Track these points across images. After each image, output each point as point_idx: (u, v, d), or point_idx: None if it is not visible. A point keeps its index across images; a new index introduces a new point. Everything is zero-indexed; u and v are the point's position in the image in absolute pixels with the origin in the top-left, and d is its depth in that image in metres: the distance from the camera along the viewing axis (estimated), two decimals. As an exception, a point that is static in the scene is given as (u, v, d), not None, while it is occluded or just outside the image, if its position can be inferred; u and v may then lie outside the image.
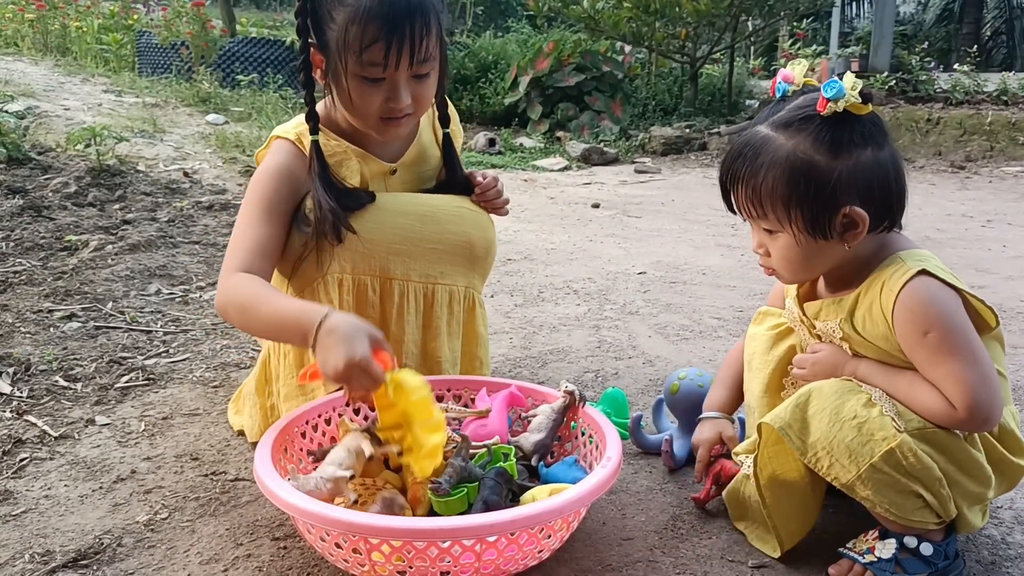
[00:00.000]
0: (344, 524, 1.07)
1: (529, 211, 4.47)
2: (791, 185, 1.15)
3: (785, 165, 1.14)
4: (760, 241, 1.25)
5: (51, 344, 2.13)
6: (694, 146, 6.91)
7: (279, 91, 6.82)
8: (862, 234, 1.16)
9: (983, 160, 6.01)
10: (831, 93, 1.10)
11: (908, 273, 1.14)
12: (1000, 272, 3.11)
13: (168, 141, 5.03)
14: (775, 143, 1.16)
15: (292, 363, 1.54)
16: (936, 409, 1.13)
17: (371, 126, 1.49)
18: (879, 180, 1.15)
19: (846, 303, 1.21)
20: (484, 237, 1.64)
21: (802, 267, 1.24)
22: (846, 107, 1.11)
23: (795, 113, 1.15)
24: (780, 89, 1.21)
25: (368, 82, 1.41)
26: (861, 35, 9.18)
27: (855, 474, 1.13)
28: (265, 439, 1.29)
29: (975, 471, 1.16)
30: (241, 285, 1.38)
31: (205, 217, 3.58)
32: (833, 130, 1.13)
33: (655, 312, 2.61)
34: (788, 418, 1.17)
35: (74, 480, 1.51)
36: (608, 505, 1.43)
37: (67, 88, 6.10)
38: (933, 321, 1.12)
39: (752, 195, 1.19)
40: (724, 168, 1.22)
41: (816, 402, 1.17)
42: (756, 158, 1.17)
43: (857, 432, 1.12)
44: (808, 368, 1.28)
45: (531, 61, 7.49)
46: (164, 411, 1.80)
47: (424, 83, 1.46)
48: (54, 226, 3.16)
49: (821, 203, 1.15)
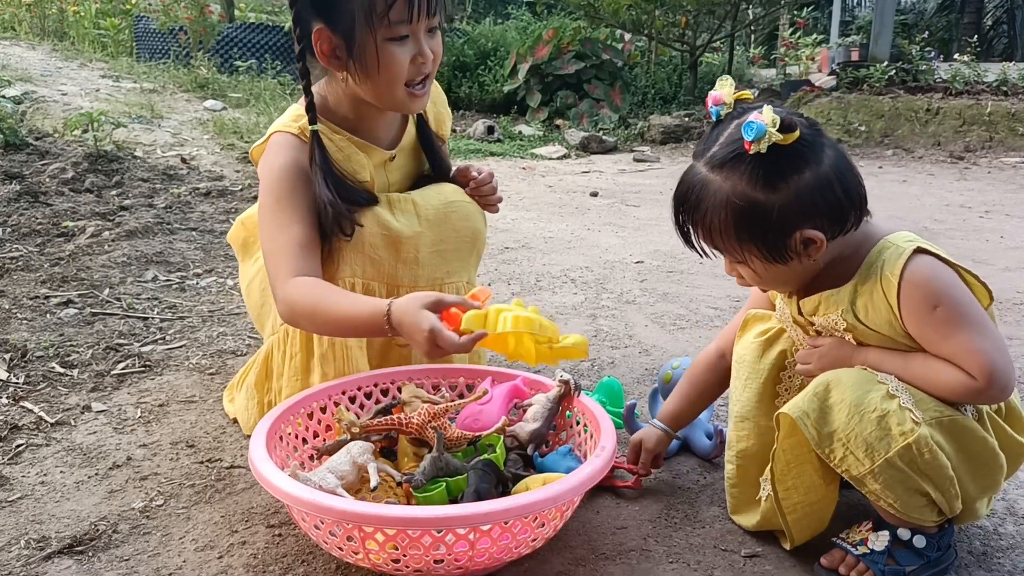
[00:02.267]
0: (338, 512, 1.07)
1: (527, 199, 4.47)
2: (738, 226, 1.15)
3: (727, 209, 1.14)
4: (730, 267, 1.26)
5: (48, 330, 2.13)
6: (693, 135, 6.89)
7: (277, 77, 6.79)
8: (823, 248, 1.15)
9: (982, 150, 6.00)
10: (752, 135, 1.08)
11: (905, 253, 1.14)
12: (997, 263, 3.11)
13: (166, 127, 5.01)
14: (713, 186, 1.15)
15: (298, 366, 1.54)
16: (956, 383, 1.12)
17: (398, 98, 1.48)
18: (824, 196, 1.13)
19: (844, 294, 1.20)
20: (470, 228, 1.64)
21: (775, 283, 1.26)
22: (770, 144, 1.09)
23: (727, 150, 1.14)
24: (714, 112, 1.20)
25: (396, 43, 1.42)
26: (862, 24, 9.15)
27: (868, 468, 1.12)
28: (260, 427, 1.29)
29: (989, 459, 1.16)
30: (301, 291, 1.37)
31: (203, 204, 3.57)
32: (765, 165, 1.11)
33: (652, 301, 2.61)
34: (806, 407, 1.16)
35: (70, 466, 1.52)
36: (602, 494, 1.43)
37: (64, 73, 6.08)
38: (940, 295, 1.11)
39: (706, 238, 1.19)
40: (674, 213, 1.22)
41: (836, 392, 1.15)
42: (699, 204, 1.17)
43: (876, 426, 1.11)
44: (814, 362, 1.26)
45: (530, 48, 7.46)
46: (160, 398, 1.80)
47: (436, 37, 1.48)
48: (51, 212, 3.16)
49: (770, 237, 1.14)
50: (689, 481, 1.50)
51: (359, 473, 1.24)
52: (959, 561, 1.25)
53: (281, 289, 1.39)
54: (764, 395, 1.35)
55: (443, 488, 1.22)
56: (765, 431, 1.34)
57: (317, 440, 1.44)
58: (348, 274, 1.49)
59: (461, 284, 1.64)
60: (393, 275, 1.54)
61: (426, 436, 1.34)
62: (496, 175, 1.74)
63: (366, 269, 1.51)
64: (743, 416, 1.35)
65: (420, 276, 1.57)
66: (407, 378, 1.56)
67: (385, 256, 1.52)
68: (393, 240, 1.52)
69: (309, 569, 1.22)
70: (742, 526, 1.35)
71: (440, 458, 1.26)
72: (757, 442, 1.33)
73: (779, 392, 1.36)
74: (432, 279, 1.59)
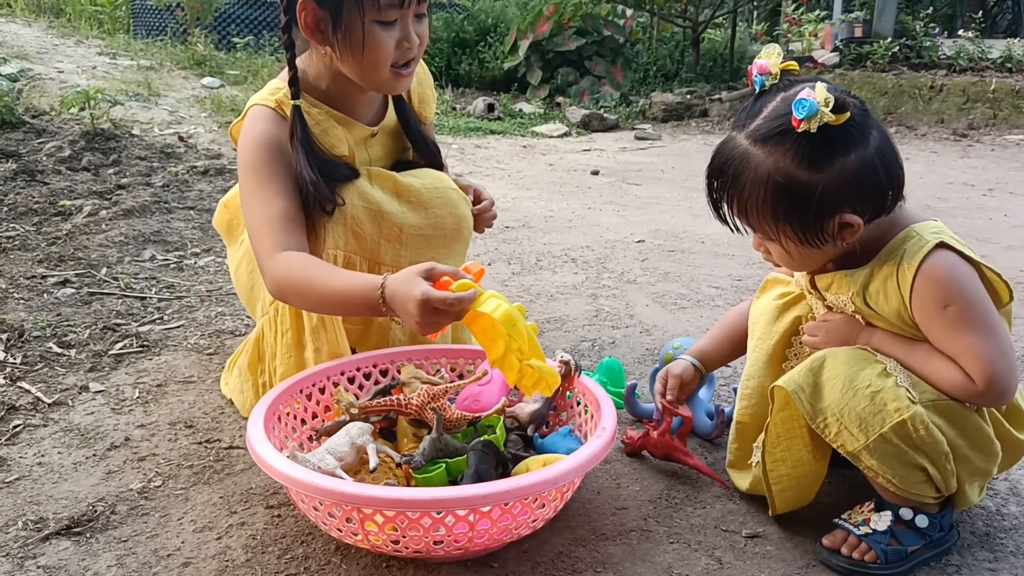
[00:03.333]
0: (337, 494, 1.06)
1: (528, 178, 4.44)
2: (777, 204, 1.12)
3: (768, 184, 1.11)
4: (759, 242, 1.24)
5: (45, 310, 2.12)
6: (695, 112, 6.84)
7: (275, 54, 6.73)
8: (858, 232, 1.13)
9: (986, 128, 5.95)
10: (803, 113, 1.06)
11: (927, 246, 1.12)
12: (1000, 242, 3.09)
13: (163, 105, 4.98)
14: (754, 161, 1.12)
15: (290, 342, 1.52)
16: (954, 382, 1.12)
17: (382, 78, 1.46)
18: (867, 181, 1.11)
19: (859, 277, 1.18)
20: (455, 215, 1.61)
21: (805, 265, 1.24)
22: (820, 124, 1.06)
23: (772, 125, 1.11)
24: (758, 82, 1.16)
25: (382, 27, 1.40)
26: (865, 0, 9.05)
27: (863, 443, 1.12)
28: (258, 408, 1.28)
29: (984, 446, 1.16)
30: (291, 267, 1.34)
31: (200, 182, 3.55)
32: (812, 144, 1.08)
33: (653, 281, 2.59)
34: (801, 381, 1.16)
35: (68, 447, 1.51)
36: (602, 475, 1.43)
37: (61, 50, 6.02)
38: (954, 294, 1.10)
39: (740, 213, 1.17)
40: (708, 183, 1.19)
41: (831, 367, 1.15)
42: (738, 177, 1.14)
43: (870, 401, 1.11)
44: (821, 336, 1.26)
45: (531, 24, 7.38)
46: (158, 378, 1.79)
47: (423, 23, 1.47)
48: (48, 191, 3.13)
49: (808, 217, 1.12)
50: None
51: (358, 454, 1.23)
52: (962, 541, 1.24)
53: (269, 264, 1.37)
54: (773, 358, 1.36)
55: (443, 469, 1.22)
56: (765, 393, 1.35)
57: (316, 421, 1.43)
58: (331, 246, 1.47)
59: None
60: (376, 251, 1.52)
61: (425, 417, 1.33)
62: (496, 153, 1.72)
63: (348, 242, 1.49)
64: (750, 375, 1.38)
65: (403, 256, 1.54)
66: (406, 359, 1.55)
67: (368, 230, 1.50)
68: (375, 214, 1.50)
69: (308, 550, 1.22)
70: (736, 485, 1.36)
71: (439, 439, 1.25)
72: (759, 402, 1.35)
73: (788, 356, 1.37)
74: (416, 262, 1.56)
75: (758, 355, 1.37)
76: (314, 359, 1.50)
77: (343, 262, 1.49)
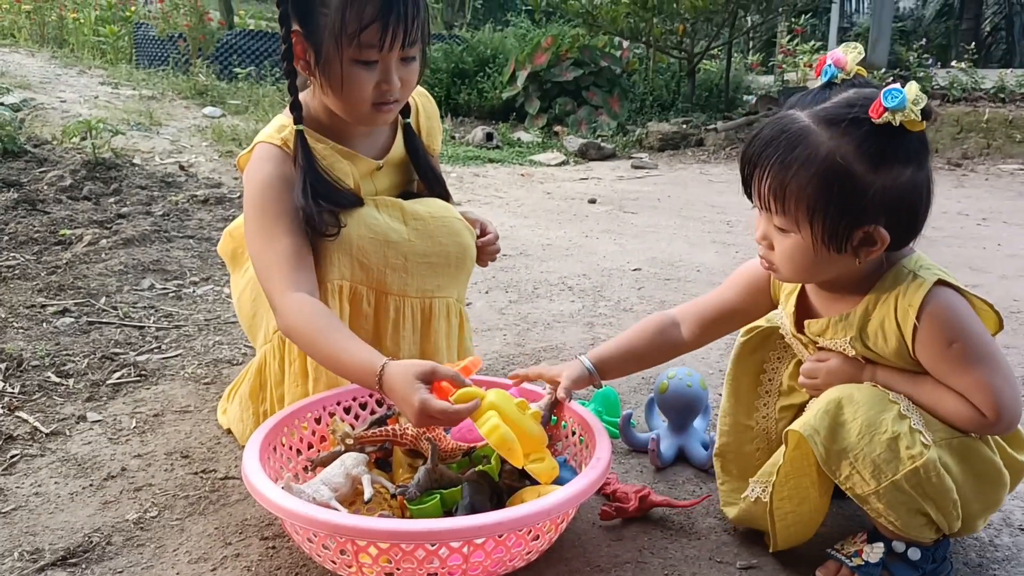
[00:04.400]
0: (330, 526, 1.07)
1: (525, 206, 4.47)
2: (822, 189, 1.05)
3: (821, 166, 1.05)
4: (765, 233, 1.16)
5: (44, 339, 2.13)
6: (691, 142, 6.90)
7: (276, 84, 6.81)
8: (878, 252, 1.10)
9: (980, 157, 6.01)
10: (892, 103, 1.01)
11: (925, 285, 1.11)
12: (994, 271, 3.11)
13: (164, 134, 5.02)
14: (815, 139, 1.05)
15: (297, 371, 1.53)
16: (964, 415, 1.11)
17: (363, 113, 1.47)
18: (909, 203, 1.08)
19: (854, 319, 1.16)
20: (458, 244, 1.62)
21: (805, 271, 1.17)
22: (902, 121, 1.02)
23: (844, 111, 1.05)
24: (827, 73, 1.11)
25: (362, 66, 1.41)
26: (860, 31, 9.16)
27: (873, 489, 1.10)
28: (254, 439, 1.28)
29: (993, 476, 1.16)
30: (300, 316, 1.36)
31: (200, 211, 3.57)
32: (881, 141, 1.03)
33: (649, 309, 2.61)
34: (816, 424, 1.12)
35: (64, 477, 1.51)
36: (597, 505, 1.43)
37: (63, 80, 6.09)
38: (958, 332, 1.10)
39: (777, 188, 1.09)
40: (753, 150, 1.11)
41: (848, 410, 1.12)
42: (791, 150, 1.06)
43: (886, 448, 1.08)
44: (821, 378, 1.22)
45: (529, 55, 7.47)
46: (155, 408, 1.80)
47: (411, 67, 1.46)
48: (48, 220, 3.16)
49: (847, 216, 1.06)
50: (685, 491, 1.50)
51: (353, 485, 1.24)
52: (955, 573, 1.24)
53: (279, 303, 1.38)
54: (743, 393, 1.37)
55: (437, 500, 1.22)
56: (742, 430, 1.37)
57: (311, 451, 1.44)
58: (336, 276, 1.48)
59: (451, 299, 1.63)
60: (382, 281, 1.53)
61: (421, 447, 1.34)
62: (494, 182, 1.74)
63: (355, 272, 1.50)
64: (724, 411, 1.39)
65: (409, 285, 1.56)
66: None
67: (374, 260, 1.51)
68: (381, 243, 1.51)
69: (303, 581, 1.22)
70: (727, 517, 1.36)
71: (434, 470, 1.26)
72: (733, 440, 1.37)
73: (759, 393, 1.37)
74: (422, 290, 1.58)
75: (728, 391, 1.39)
76: (313, 389, 1.51)
77: (349, 292, 1.50)
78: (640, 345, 1.40)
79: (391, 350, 1.58)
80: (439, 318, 1.61)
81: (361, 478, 1.24)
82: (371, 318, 1.55)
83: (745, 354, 1.38)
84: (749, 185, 1.14)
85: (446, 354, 1.63)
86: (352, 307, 1.52)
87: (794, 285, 1.28)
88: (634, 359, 1.42)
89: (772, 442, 1.37)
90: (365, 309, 1.53)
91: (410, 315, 1.57)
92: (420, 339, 1.61)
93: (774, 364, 1.38)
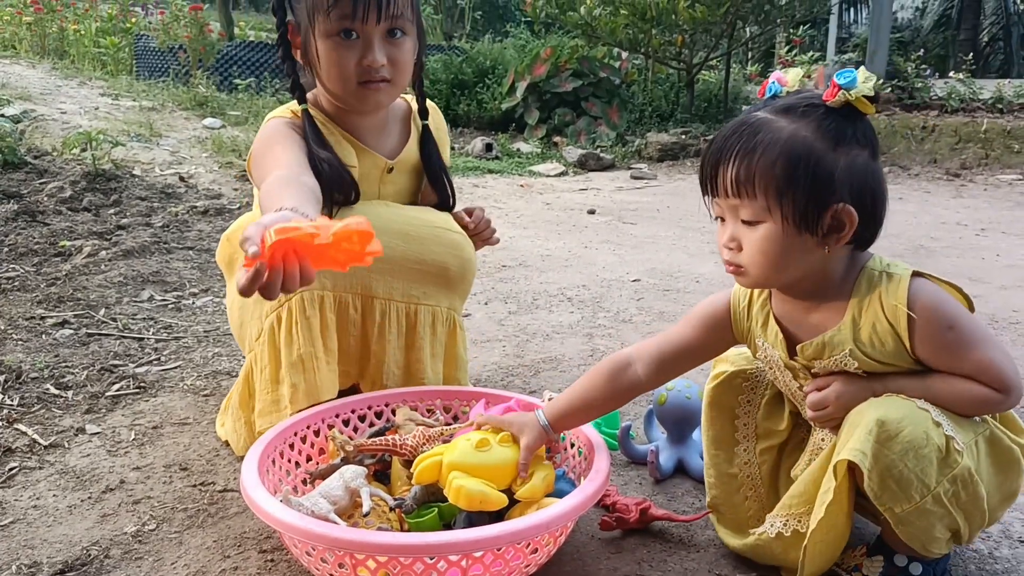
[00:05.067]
0: (328, 539, 1.07)
1: (525, 217, 4.47)
2: (789, 167, 1.08)
3: (785, 146, 1.09)
4: (733, 235, 1.15)
5: (43, 351, 2.13)
6: (690, 152, 6.91)
7: (276, 95, 6.82)
8: (845, 238, 1.10)
9: (978, 168, 6.02)
10: (844, 81, 1.07)
11: (903, 279, 1.12)
12: (993, 282, 3.11)
13: (164, 145, 5.03)
14: (775, 124, 1.11)
15: (268, 378, 1.53)
16: (980, 398, 1.11)
17: (350, 92, 1.48)
18: (872, 187, 1.11)
19: (846, 331, 1.15)
20: (459, 258, 1.62)
21: (777, 263, 1.13)
22: (852, 101, 1.08)
23: (798, 100, 1.12)
24: (771, 90, 1.17)
25: (341, 41, 1.42)
26: (858, 42, 9.20)
27: (913, 506, 1.07)
28: (252, 452, 1.28)
29: (1014, 464, 1.15)
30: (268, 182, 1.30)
31: (200, 222, 3.58)
32: (837, 121, 1.09)
33: (648, 320, 2.61)
34: (861, 447, 1.08)
35: (63, 490, 1.51)
36: (596, 518, 1.43)
37: (64, 91, 6.10)
38: (952, 316, 1.11)
39: (745, 174, 1.10)
40: (714, 146, 1.14)
41: (891, 428, 1.07)
42: (754, 135, 1.10)
43: (929, 463, 1.06)
44: (832, 406, 1.18)
45: (528, 67, 7.49)
46: (154, 420, 1.80)
47: (399, 46, 1.47)
48: (48, 231, 3.16)
49: (817, 192, 1.08)
50: (685, 504, 1.50)
51: (352, 498, 1.24)
52: (954, 586, 1.24)
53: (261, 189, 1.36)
54: (722, 441, 1.37)
55: (435, 514, 1.22)
56: (728, 480, 1.37)
57: (310, 464, 1.44)
58: (317, 287, 1.48)
59: (440, 308, 1.64)
60: (368, 285, 1.54)
61: (419, 460, 1.33)
62: (493, 192, 1.75)
63: (337, 281, 1.51)
64: (708, 464, 1.39)
65: (395, 289, 1.57)
66: (401, 400, 1.56)
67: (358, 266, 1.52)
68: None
69: (301, 595, 1.21)
70: (727, 543, 1.34)
71: (432, 485, 1.26)
72: (722, 492, 1.37)
73: (738, 439, 1.37)
74: (408, 295, 1.59)
75: (706, 441, 1.39)
76: (289, 396, 1.48)
77: (333, 302, 1.51)
78: (593, 395, 1.34)
79: (377, 355, 1.59)
80: (424, 325, 1.62)
81: (360, 490, 1.24)
82: (358, 324, 1.56)
83: (714, 402, 1.37)
84: (713, 184, 1.15)
85: (430, 363, 1.64)
86: (339, 315, 1.53)
87: (765, 314, 1.25)
88: (589, 409, 1.36)
89: (759, 487, 1.36)
90: (352, 316, 1.55)
91: (395, 319, 1.59)
92: (405, 345, 1.62)
93: (744, 408, 1.37)
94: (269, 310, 1.51)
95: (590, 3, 7.19)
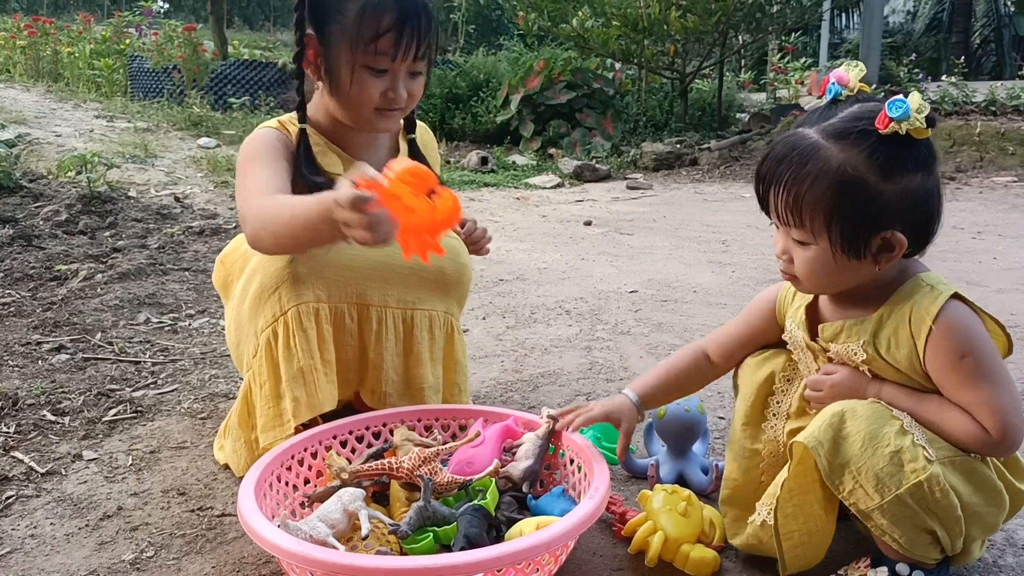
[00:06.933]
0: (325, 564, 1.06)
1: (521, 230, 4.47)
2: (837, 200, 1.10)
3: (834, 178, 1.09)
4: (785, 247, 1.20)
5: (39, 377, 2.12)
6: (685, 161, 6.93)
7: (271, 113, 6.84)
8: (896, 258, 1.13)
9: (973, 171, 6.03)
10: (897, 113, 1.06)
11: (941, 297, 1.12)
12: (991, 285, 3.11)
13: (159, 166, 5.03)
14: (825, 152, 1.10)
15: (269, 393, 1.52)
16: (968, 433, 1.11)
17: (366, 117, 1.53)
18: (922, 208, 1.12)
19: (868, 325, 1.17)
20: (455, 263, 1.65)
21: (826, 281, 1.19)
22: (908, 129, 1.07)
23: (850, 125, 1.10)
24: (832, 91, 1.16)
25: (372, 73, 1.47)
26: (850, 47, 9.24)
27: (877, 503, 1.09)
28: (249, 476, 1.28)
29: (995, 498, 1.15)
30: (259, 207, 1.39)
31: (196, 243, 3.58)
32: (889, 150, 1.08)
33: (646, 332, 2.60)
34: (820, 436, 1.12)
35: (60, 518, 1.50)
36: (597, 534, 1.42)
37: (59, 114, 6.11)
38: (971, 346, 1.11)
39: (792, 203, 1.13)
40: (765, 168, 1.16)
41: (851, 423, 1.12)
42: (803, 165, 1.11)
43: (888, 461, 1.08)
44: (826, 391, 1.23)
45: (522, 79, 7.52)
46: (152, 444, 1.79)
47: (417, 80, 1.53)
48: (44, 255, 3.16)
49: (864, 223, 1.10)
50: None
51: (350, 521, 1.23)
52: (959, 596, 1.23)
53: (246, 220, 1.43)
54: (749, 418, 1.36)
55: (430, 539, 1.21)
56: (749, 455, 1.36)
57: (308, 487, 1.43)
58: (313, 299, 1.50)
59: (436, 312, 1.65)
60: (363, 294, 1.56)
61: (416, 481, 1.33)
62: (490, 206, 1.76)
63: (332, 292, 1.52)
64: (731, 439, 1.39)
65: (391, 296, 1.59)
66: (399, 420, 1.55)
67: (353, 274, 1.54)
68: (361, 255, 1.53)
69: (301, 620, 1.20)
70: (732, 545, 1.34)
71: (427, 507, 1.24)
72: (738, 466, 1.36)
73: (767, 416, 1.36)
74: (404, 301, 1.60)
75: (735, 418, 1.39)
76: (292, 409, 1.48)
77: (329, 313, 1.52)
78: (679, 377, 1.47)
79: (375, 362, 1.59)
80: (421, 329, 1.63)
81: (358, 513, 1.23)
82: (355, 334, 1.58)
83: (753, 376, 1.38)
84: (766, 202, 1.19)
85: (430, 366, 1.65)
86: (335, 326, 1.54)
87: (803, 299, 1.29)
88: (677, 388, 1.48)
89: (778, 467, 1.35)
90: (348, 325, 1.56)
91: (392, 326, 1.60)
92: (403, 351, 1.62)
93: (783, 386, 1.37)
94: (264, 325, 1.51)
95: (582, 15, 7.23)
